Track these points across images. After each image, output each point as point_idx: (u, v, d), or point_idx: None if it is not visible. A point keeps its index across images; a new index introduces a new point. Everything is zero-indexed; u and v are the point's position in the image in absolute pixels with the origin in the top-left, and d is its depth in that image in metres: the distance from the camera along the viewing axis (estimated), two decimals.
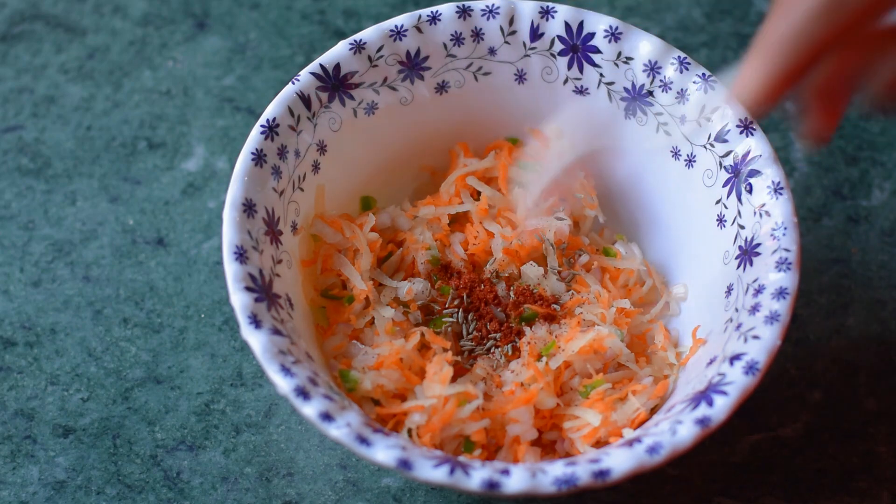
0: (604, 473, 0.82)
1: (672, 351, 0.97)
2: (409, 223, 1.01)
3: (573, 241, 1.01)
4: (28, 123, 1.15)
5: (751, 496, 0.98)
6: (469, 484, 0.81)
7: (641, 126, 0.99)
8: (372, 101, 0.99)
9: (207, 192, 1.11)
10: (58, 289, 1.06)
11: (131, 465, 0.99)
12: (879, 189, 1.12)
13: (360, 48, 0.97)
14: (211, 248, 1.08)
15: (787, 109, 1.16)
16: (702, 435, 0.83)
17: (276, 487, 0.98)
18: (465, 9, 0.98)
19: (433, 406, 0.90)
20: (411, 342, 0.93)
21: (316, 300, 0.97)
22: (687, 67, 0.96)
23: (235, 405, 1.01)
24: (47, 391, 1.02)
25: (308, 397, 0.83)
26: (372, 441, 0.82)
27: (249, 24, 1.20)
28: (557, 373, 0.94)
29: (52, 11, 1.21)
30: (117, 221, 1.10)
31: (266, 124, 0.93)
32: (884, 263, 1.08)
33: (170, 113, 1.15)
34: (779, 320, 0.87)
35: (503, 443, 0.92)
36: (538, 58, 1.00)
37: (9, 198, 1.11)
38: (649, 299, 1.02)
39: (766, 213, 0.91)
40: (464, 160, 1.02)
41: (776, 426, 1.01)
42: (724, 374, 0.86)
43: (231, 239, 0.88)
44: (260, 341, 0.85)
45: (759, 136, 0.93)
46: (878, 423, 1.01)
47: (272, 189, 0.92)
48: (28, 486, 0.98)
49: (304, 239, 0.97)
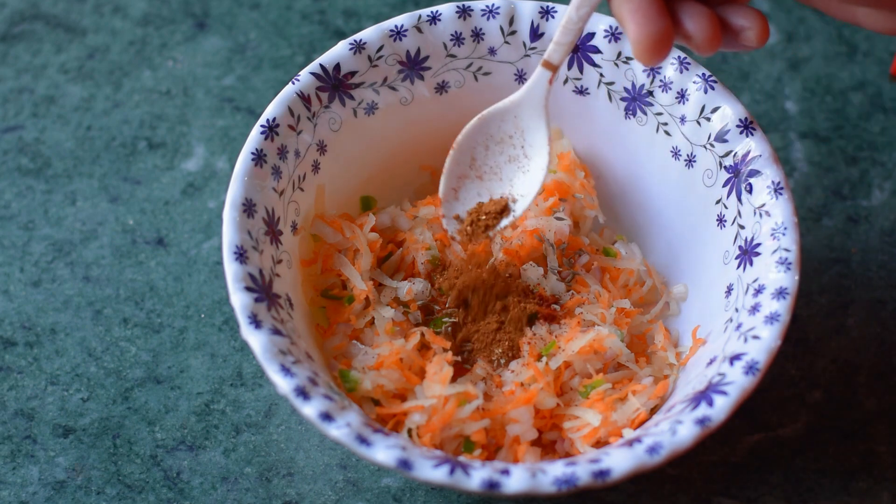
0: (604, 473, 0.82)
1: (672, 351, 0.97)
2: (409, 223, 1.01)
3: (573, 241, 1.01)
4: (28, 123, 1.15)
5: (751, 496, 0.98)
6: (469, 484, 0.81)
7: (641, 126, 0.99)
8: (372, 101, 0.99)
9: (207, 192, 1.11)
10: (58, 289, 1.06)
11: (131, 465, 0.99)
12: (879, 189, 1.12)
13: (360, 48, 0.97)
14: (211, 248, 1.08)
15: (788, 110, 1.16)
16: (702, 435, 0.83)
17: (276, 487, 0.98)
18: (465, 9, 0.98)
19: (433, 406, 0.90)
20: (411, 342, 0.93)
21: (316, 300, 0.97)
22: (687, 67, 0.96)
23: (235, 405, 1.01)
24: (47, 391, 1.02)
25: (308, 397, 0.83)
26: (372, 441, 0.82)
27: (249, 24, 1.20)
28: (557, 373, 0.94)
29: (52, 11, 1.21)
30: (117, 221, 1.10)
31: (266, 124, 0.93)
32: (884, 263, 1.08)
33: (170, 113, 1.15)
34: (779, 320, 0.87)
35: (503, 443, 0.92)
36: (538, 58, 1.00)
37: (9, 198, 1.11)
38: (649, 299, 1.02)
39: (766, 213, 0.91)
40: None
41: (776, 426, 1.01)
42: (724, 374, 0.86)
43: (231, 239, 0.88)
44: (260, 341, 0.85)
45: (759, 136, 0.93)
46: (878, 423, 1.01)
47: (272, 189, 0.92)
48: (28, 486, 0.98)
49: (304, 239, 0.97)
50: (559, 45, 0.89)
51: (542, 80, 0.92)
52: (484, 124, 0.94)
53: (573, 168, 1.01)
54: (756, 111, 1.15)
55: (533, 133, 0.93)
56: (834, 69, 1.18)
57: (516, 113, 0.93)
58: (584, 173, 1.02)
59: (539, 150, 0.93)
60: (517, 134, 0.94)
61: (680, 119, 0.97)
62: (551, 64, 0.91)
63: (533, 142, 0.94)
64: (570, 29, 0.88)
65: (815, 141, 1.14)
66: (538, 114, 0.93)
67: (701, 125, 0.96)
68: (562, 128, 1.03)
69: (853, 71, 1.18)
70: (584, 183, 1.02)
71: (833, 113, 1.16)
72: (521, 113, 0.93)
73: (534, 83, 0.92)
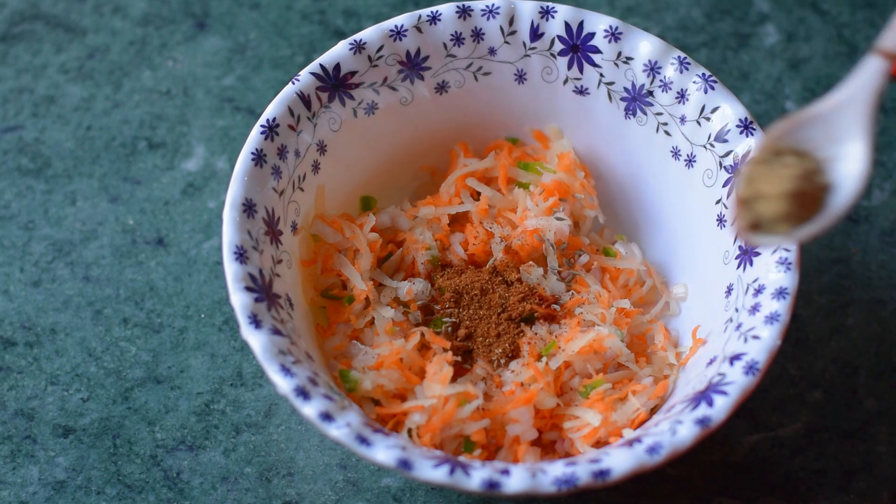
0: (604, 473, 0.82)
1: (672, 351, 0.97)
2: (409, 223, 1.01)
3: (573, 241, 1.01)
4: (28, 123, 1.15)
5: (751, 496, 0.98)
6: (469, 484, 0.81)
7: (641, 126, 0.99)
8: (372, 101, 0.99)
9: (207, 192, 1.11)
10: (58, 289, 1.06)
11: (131, 465, 0.99)
12: (879, 189, 1.12)
13: (360, 48, 0.97)
14: (211, 248, 1.08)
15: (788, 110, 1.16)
16: (702, 435, 0.83)
17: (276, 487, 0.98)
18: (465, 9, 0.98)
19: (433, 406, 0.90)
20: (411, 342, 0.93)
21: (316, 300, 0.97)
22: (687, 67, 0.96)
23: (235, 405, 1.01)
24: (47, 391, 1.02)
25: (308, 397, 0.83)
26: (372, 441, 0.83)
27: (249, 24, 1.20)
28: (557, 373, 0.94)
29: (52, 11, 1.21)
30: (117, 221, 1.10)
31: (266, 124, 0.93)
32: (884, 263, 1.08)
33: (170, 113, 1.15)
34: (779, 320, 0.87)
35: (503, 443, 0.92)
36: (538, 58, 1.00)
37: (9, 198, 1.11)
38: (649, 299, 1.02)
39: None
40: (464, 160, 1.02)
41: (776, 426, 1.01)
42: (724, 374, 0.86)
43: (231, 239, 0.88)
44: (260, 341, 0.85)
45: (759, 136, 0.93)
46: (878, 423, 1.01)
47: (272, 189, 0.92)
48: (28, 486, 0.98)
49: (304, 239, 0.97)
50: None
51: (874, 72, 0.72)
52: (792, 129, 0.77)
53: (573, 168, 1.01)
54: (756, 111, 1.15)
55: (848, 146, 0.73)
56: (834, 69, 1.18)
57: (833, 119, 0.74)
58: (584, 173, 1.02)
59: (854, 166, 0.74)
60: (827, 145, 0.75)
61: (680, 119, 0.97)
62: (891, 53, 0.71)
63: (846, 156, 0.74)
64: None
65: None
66: (859, 120, 0.72)
67: (701, 125, 0.96)
68: (562, 128, 1.03)
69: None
70: (584, 183, 1.02)
71: None
72: (839, 119, 0.74)
73: (862, 77, 0.73)
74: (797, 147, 0.76)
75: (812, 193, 0.75)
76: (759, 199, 0.77)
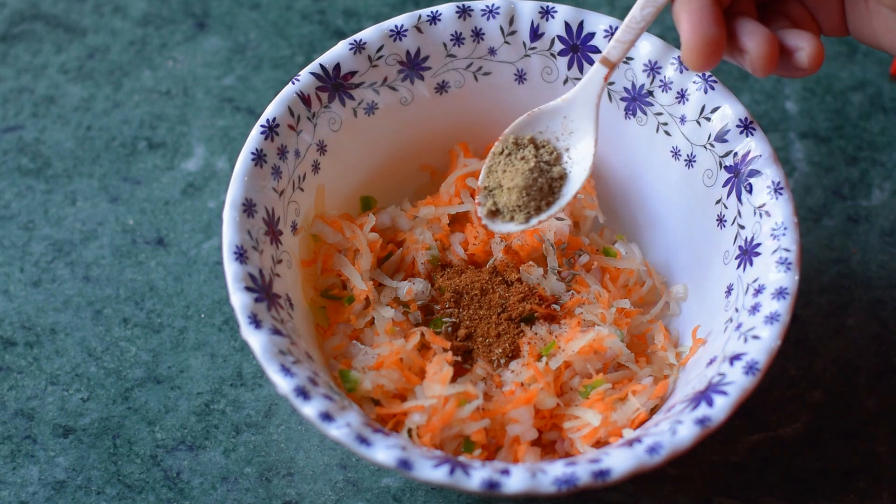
0: (604, 473, 0.82)
1: (672, 351, 0.97)
2: (409, 223, 1.01)
3: (573, 241, 1.01)
4: (28, 123, 1.15)
5: (751, 496, 0.98)
6: (469, 484, 0.81)
7: (641, 126, 0.99)
8: (372, 101, 0.99)
9: (207, 192, 1.11)
10: (58, 289, 1.06)
11: (131, 465, 0.99)
12: (879, 189, 1.12)
13: (360, 48, 0.97)
14: (211, 248, 1.08)
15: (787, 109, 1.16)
16: (702, 435, 0.83)
17: (276, 487, 0.98)
18: (465, 9, 0.98)
19: (433, 406, 0.90)
20: (411, 342, 0.93)
21: (316, 300, 0.97)
22: (687, 67, 0.96)
23: (235, 405, 1.01)
24: (47, 391, 1.02)
25: (308, 397, 0.83)
26: (372, 441, 0.82)
27: (249, 24, 1.20)
28: (557, 373, 0.94)
29: (52, 11, 1.21)
30: (117, 221, 1.10)
31: (266, 124, 0.93)
32: (884, 263, 1.08)
33: (170, 113, 1.15)
34: (779, 320, 0.87)
35: (503, 443, 0.92)
36: (538, 58, 1.00)
37: (9, 198, 1.11)
38: (649, 299, 1.02)
39: (766, 213, 0.91)
40: (464, 160, 1.03)
41: (776, 426, 1.01)
42: (724, 374, 0.86)
43: (231, 239, 0.88)
44: (260, 341, 0.85)
45: (759, 136, 0.93)
46: (878, 423, 1.01)
47: (272, 189, 0.92)
48: (28, 486, 0.98)
49: (304, 239, 0.97)
50: (620, 42, 0.89)
51: (598, 76, 0.90)
52: (532, 121, 0.93)
53: None
54: (756, 111, 1.15)
55: (579, 137, 0.92)
56: (834, 69, 1.18)
57: (566, 113, 0.92)
58: None
59: (583, 156, 0.92)
60: (563, 136, 0.93)
61: (680, 119, 0.97)
62: (609, 61, 0.89)
63: (577, 145, 0.92)
64: (633, 28, 0.88)
65: (815, 141, 1.14)
66: (588, 114, 0.91)
67: (701, 125, 0.96)
68: None
69: (853, 71, 1.18)
70: (584, 183, 1.01)
71: (833, 113, 1.16)
72: (572, 113, 0.92)
73: (588, 80, 0.91)
74: (537, 138, 0.93)
75: (547, 185, 0.91)
76: (499, 189, 0.92)
